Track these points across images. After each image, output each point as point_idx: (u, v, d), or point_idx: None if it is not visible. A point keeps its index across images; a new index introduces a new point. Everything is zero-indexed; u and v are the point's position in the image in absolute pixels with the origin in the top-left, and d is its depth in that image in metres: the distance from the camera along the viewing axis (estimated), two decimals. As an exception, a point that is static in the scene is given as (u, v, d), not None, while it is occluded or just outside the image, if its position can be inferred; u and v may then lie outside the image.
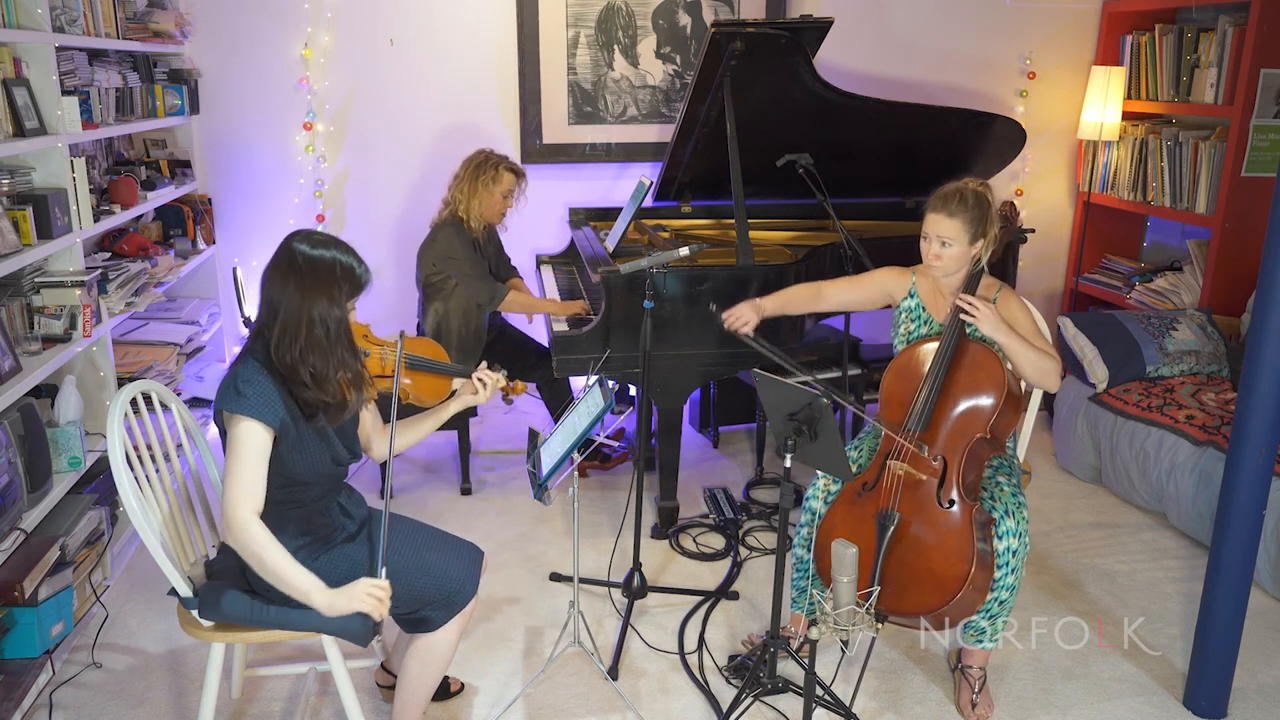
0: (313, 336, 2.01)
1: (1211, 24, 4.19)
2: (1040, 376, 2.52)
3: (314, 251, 2.02)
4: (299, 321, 2.00)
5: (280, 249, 2.05)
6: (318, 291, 2.00)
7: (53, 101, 2.92)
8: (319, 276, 2.01)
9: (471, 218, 3.61)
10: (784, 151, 3.34)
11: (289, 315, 2.00)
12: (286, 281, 2.00)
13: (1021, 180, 4.89)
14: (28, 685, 2.41)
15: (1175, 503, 3.46)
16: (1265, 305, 2.29)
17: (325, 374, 2.04)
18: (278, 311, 2.01)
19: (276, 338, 2.01)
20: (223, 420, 2.03)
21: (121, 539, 3.23)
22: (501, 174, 3.61)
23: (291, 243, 2.04)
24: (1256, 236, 3.97)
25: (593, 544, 3.42)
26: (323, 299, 2.01)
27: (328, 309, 2.01)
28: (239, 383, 2.00)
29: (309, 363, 2.02)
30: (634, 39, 4.45)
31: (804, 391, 2.18)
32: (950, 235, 2.50)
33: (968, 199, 2.50)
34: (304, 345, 2.01)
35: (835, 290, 2.82)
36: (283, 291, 2.00)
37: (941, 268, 2.56)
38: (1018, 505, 2.47)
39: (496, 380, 2.44)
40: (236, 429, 1.99)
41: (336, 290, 2.03)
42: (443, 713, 2.55)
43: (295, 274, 2.00)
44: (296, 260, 2.01)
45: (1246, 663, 2.71)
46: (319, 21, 4.28)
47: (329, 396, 2.06)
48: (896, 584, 2.43)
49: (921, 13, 4.62)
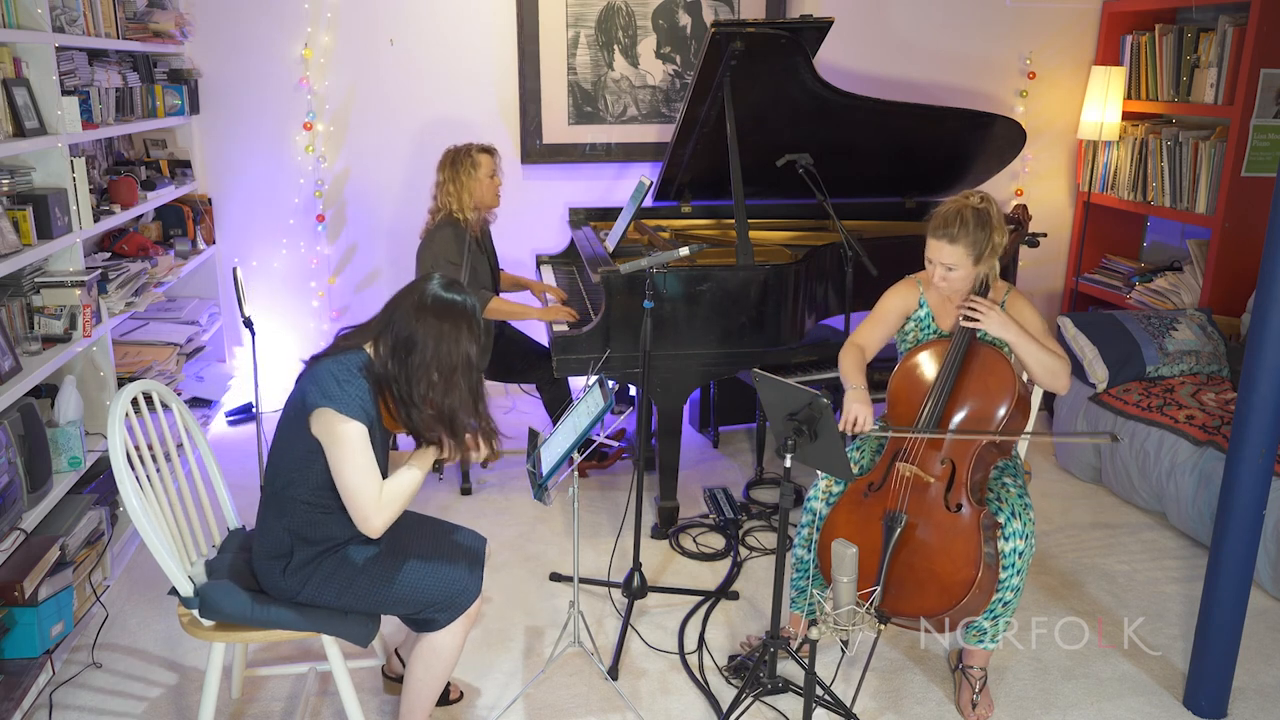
0: (455, 381, 2.07)
1: (1211, 24, 4.19)
2: (1050, 377, 2.51)
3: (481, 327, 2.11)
4: (451, 369, 2.06)
5: (428, 286, 2.10)
6: (463, 342, 2.07)
7: (53, 101, 2.92)
8: (466, 334, 2.08)
9: (468, 211, 3.59)
10: (784, 151, 3.34)
11: (441, 358, 2.05)
12: (442, 322, 2.05)
13: (1021, 180, 4.89)
14: (28, 685, 2.40)
15: (1175, 503, 3.46)
16: (1265, 305, 2.29)
17: (453, 415, 2.10)
18: (417, 345, 2.04)
19: (404, 369, 2.05)
20: (310, 418, 2.03)
21: (121, 539, 3.23)
22: (477, 157, 3.60)
23: (438, 285, 2.10)
24: (1256, 236, 3.97)
25: (593, 544, 3.42)
26: (472, 344, 2.09)
27: (468, 371, 2.09)
28: (337, 382, 2.02)
29: (443, 404, 2.08)
30: (634, 39, 4.45)
31: (804, 391, 2.18)
32: (953, 260, 2.49)
33: (968, 222, 2.46)
34: (444, 384, 2.06)
35: (870, 337, 2.71)
36: (427, 328, 2.05)
37: (949, 289, 2.55)
38: (1024, 507, 2.47)
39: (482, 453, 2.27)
40: (343, 429, 2.01)
41: (476, 339, 2.10)
42: (443, 714, 2.55)
43: (452, 319, 2.06)
44: (454, 308, 2.08)
45: (1246, 663, 2.71)
46: (319, 21, 4.28)
47: (431, 435, 2.11)
48: (901, 586, 2.43)
49: (921, 13, 4.62)
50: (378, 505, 2.05)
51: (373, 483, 2.04)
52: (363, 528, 2.06)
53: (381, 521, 2.06)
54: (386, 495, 2.07)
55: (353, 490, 2.03)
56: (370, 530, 2.06)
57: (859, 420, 2.52)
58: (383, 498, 2.06)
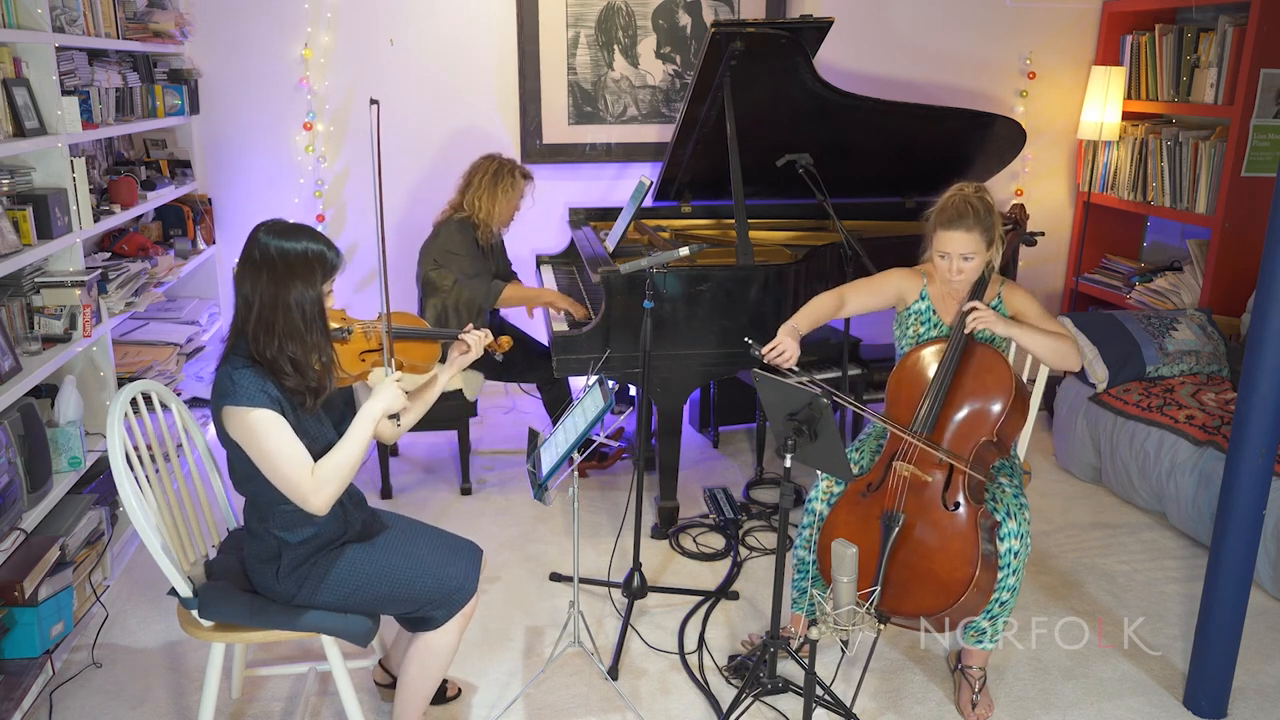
0: (290, 323, 2.02)
1: (1211, 24, 4.19)
2: (1060, 359, 2.53)
3: (285, 243, 2.03)
4: (274, 310, 2.01)
5: (249, 243, 2.05)
6: (293, 278, 2.02)
7: (53, 101, 2.92)
8: (292, 265, 2.02)
9: (488, 222, 3.66)
10: (784, 151, 3.34)
11: (264, 305, 2.01)
12: (259, 274, 2.02)
13: (1021, 180, 4.89)
14: (28, 685, 2.41)
15: (1175, 503, 3.46)
16: (1265, 305, 2.29)
17: (304, 359, 2.05)
18: (253, 304, 2.02)
19: (254, 330, 2.02)
20: (223, 423, 2.03)
21: (121, 539, 3.23)
22: (519, 180, 3.70)
23: (259, 235, 2.04)
24: (1256, 236, 3.97)
25: (593, 544, 3.42)
26: (298, 283, 2.02)
27: (303, 291, 2.03)
28: (230, 380, 2.01)
29: (288, 351, 2.03)
30: (634, 39, 4.45)
31: (804, 391, 2.18)
32: (970, 248, 2.49)
33: (978, 209, 2.48)
34: (282, 333, 2.02)
35: (856, 296, 2.72)
36: (255, 284, 2.02)
37: (965, 280, 2.56)
38: (1020, 506, 2.47)
39: (482, 335, 2.43)
40: (239, 422, 2.00)
41: (311, 275, 2.04)
42: (442, 713, 2.55)
43: (268, 265, 2.01)
44: (269, 252, 2.02)
45: (1246, 663, 2.71)
46: (319, 21, 4.28)
47: (311, 382, 2.07)
48: (900, 586, 2.43)
49: (921, 13, 4.62)
50: (313, 485, 2.01)
51: (298, 464, 2.01)
52: (306, 509, 2.04)
53: (322, 500, 2.02)
54: (323, 472, 2.03)
55: (280, 476, 2.00)
56: (313, 510, 2.02)
57: (785, 353, 2.50)
58: (318, 475, 2.02)
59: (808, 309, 2.67)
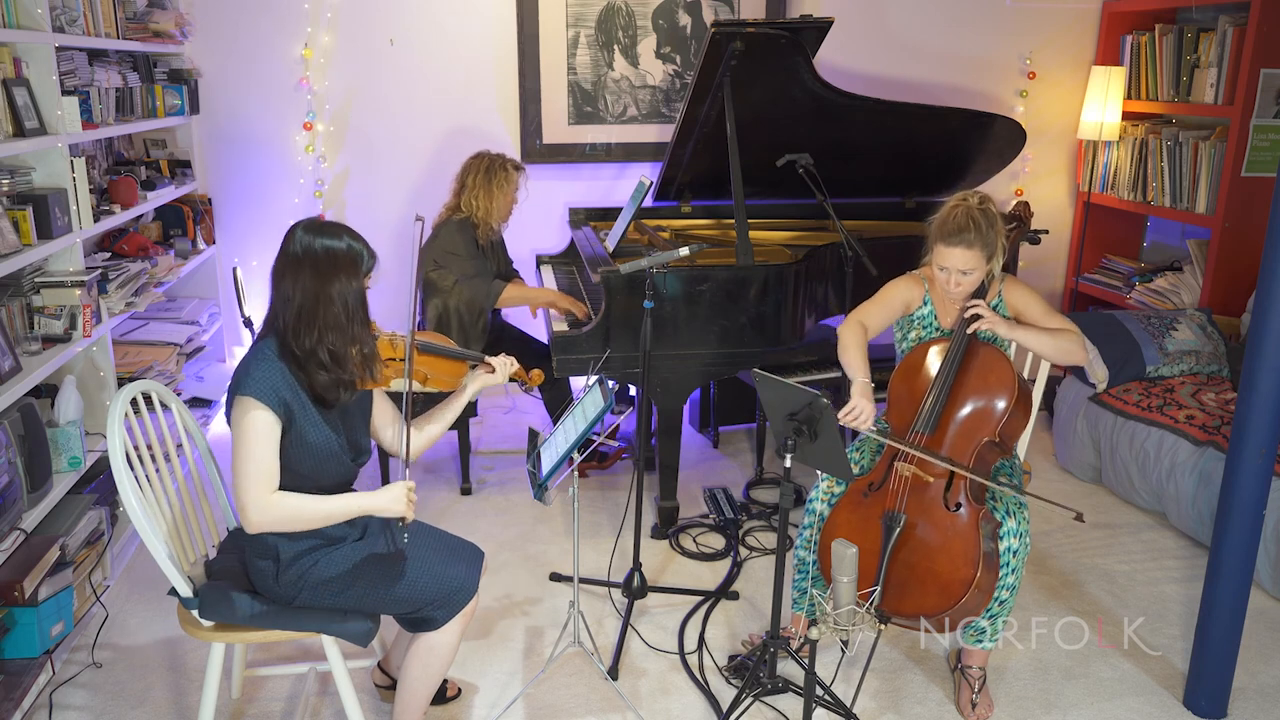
0: (330, 314, 2.04)
1: (1211, 24, 4.19)
2: (1064, 355, 2.53)
3: (327, 240, 2.05)
4: (316, 303, 2.03)
5: (287, 241, 2.07)
6: (336, 271, 2.04)
7: (53, 101, 2.92)
8: (337, 259, 2.04)
9: (488, 219, 3.67)
10: (784, 151, 3.34)
11: (306, 299, 2.03)
12: (300, 269, 2.03)
13: (1021, 180, 4.89)
14: (28, 685, 2.41)
15: (1175, 503, 3.46)
16: (1265, 305, 2.29)
17: (343, 351, 2.07)
18: (293, 299, 2.03)
19: (293, 324, 2.04)
20: (231, 408, 2.04)
21: (121, 539, 3.23)
22: (511, 173, 3.69)
23: (298, 233, 2.06)
24: (1256, 236, 3.97)
25: (593, 544, 3.42)
26: (342, 276, 2.05)
27: (346, 284, 2.05)
28: (248, 371, 2.03)
29: (327, 341, 2.04)
30: (634, 39, 4.45)
31: (804, 391, 2.18)
32: (970, 265, 2.48)
33: (979, 223, 2.45)
34: (323, 325, 2.04)
35: (872, 318, 2.69)
36: (297, 279, 2.03)
37: (963, 293, 2.54)
38: (1019, 506, 2.47)
39: (509, 362, 2.46)
40: (238, 413, 2.01)
41: (355, 268, 2.07)
42: (442, 713, 2.55)
43: (311, 260, 2.03)
44: (313, 247, 2.04)
45: (1246, 663, 2.71)
46: (319, 21, 4.28)
47: (347, 374, 2.08)
48: (901, 586, 2.43)
49: (921, 13, 4.62)
50: (264, 502, 1.99)
51: (263, 476, 2.00)
52: (240, 516, 2.03)
53: (258, 519, 2.00)
54: (281, 501, 2.02)
55: (242, 474, 2.00)
56: (244, 522, 2.01)
57: (861, 416, 2.47)
58: (274, 499, 2.01)
59: (856, 352, 2.59)
